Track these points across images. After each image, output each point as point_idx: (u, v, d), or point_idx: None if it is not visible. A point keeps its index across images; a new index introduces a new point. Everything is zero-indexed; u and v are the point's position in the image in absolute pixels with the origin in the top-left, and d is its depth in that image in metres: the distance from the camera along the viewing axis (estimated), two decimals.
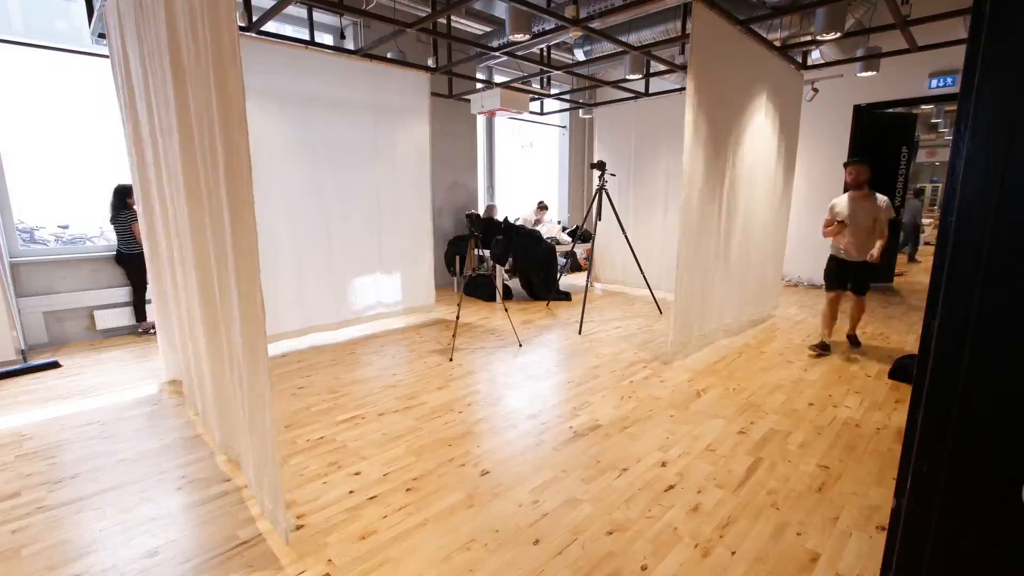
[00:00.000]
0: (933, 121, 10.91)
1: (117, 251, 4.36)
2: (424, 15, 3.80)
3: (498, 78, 6.18)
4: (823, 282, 4.17)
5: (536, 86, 6.47)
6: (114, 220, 4.31)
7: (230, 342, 2.02)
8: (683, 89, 5.40)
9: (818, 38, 4.08)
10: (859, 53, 4.93)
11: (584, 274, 7.80)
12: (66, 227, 4.64)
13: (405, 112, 4.77)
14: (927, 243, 11.53)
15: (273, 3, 3.38)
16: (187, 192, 2.15)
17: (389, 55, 5.20)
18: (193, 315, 2.45)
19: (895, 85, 5.99)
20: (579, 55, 6.01)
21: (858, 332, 4.24)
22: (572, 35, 4.23)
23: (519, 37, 4.16)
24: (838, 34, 3.89)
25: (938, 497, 0.89)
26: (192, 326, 2.53)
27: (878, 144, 6.47)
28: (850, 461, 2.40)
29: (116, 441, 2.60)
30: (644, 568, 1.70)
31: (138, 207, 3.12)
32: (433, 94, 5.01)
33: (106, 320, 4.40)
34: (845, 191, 4.00)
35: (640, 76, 5.34)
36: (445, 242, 6.74)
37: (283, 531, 1.82)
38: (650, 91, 6.00)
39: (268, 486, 1.88)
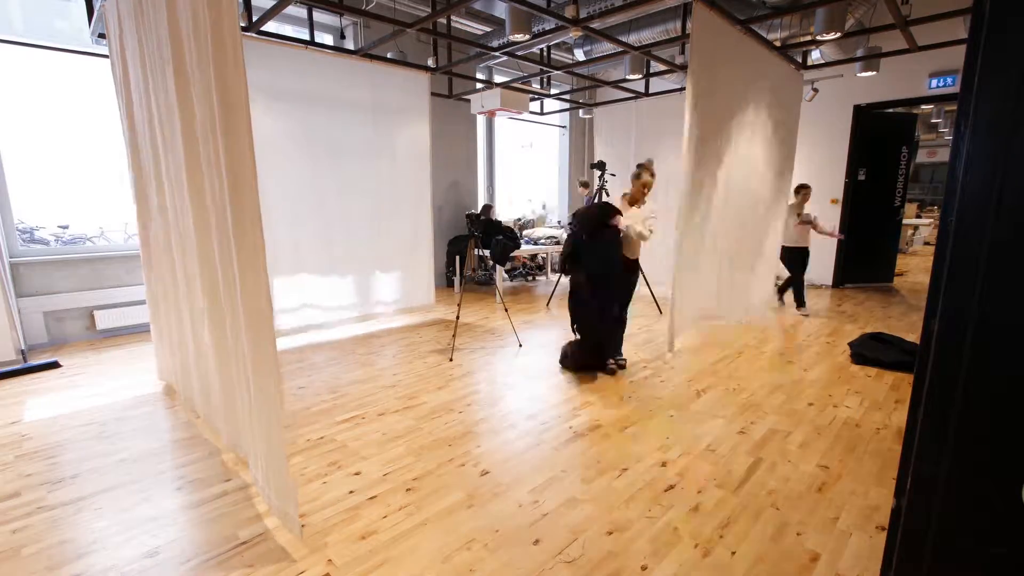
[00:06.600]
0: (933, 121, 10.91)
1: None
2: (424, 15, 3.80)
3: (498, 78, 6.18)
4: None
5: (536, 86, 6.47)
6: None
7: (236, 340, 2.02)
8: (683, 89, 5.40)
9: (818, 38, 4.08)
10: (859, 53, 4.93)
11: None
12: (66, 227, 4.64)
13: (405, 112, 4.77)
14: (927, 243, 11.55)
15: (273, 3, 3.38)
16: (190, 192, 2.14)
17: (389, 55, 5.20)
18: (197, 315, 2.45)
19: (895, 85, 5.99)
20: (579, 55, 6.01)
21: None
22: (572, 35, 4.23)
23: (519, 37, 4.16)
24: (838, 34, 3.90)
25: (938, 497, 0.89)
26: (196, 326, 2.53)
27: (878, 144, 6.48)
28: (850, 461, 2.40)
29: (116, 441, 2.60)
30: (644, 568, 1.70)
31: (134, 207, 3.12)
32: (433, 94, 5.01)
33: (106, 320, 4.40)
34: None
35: (640, 76, 5.34)
36: (445, 242, 6.75)
37: (294, 526, 1.82)
38: (650, 91, 6.00)
39: (276, 482, 1.88)
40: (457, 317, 4.12)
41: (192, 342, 2.63)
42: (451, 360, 3.84)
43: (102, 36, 3.66)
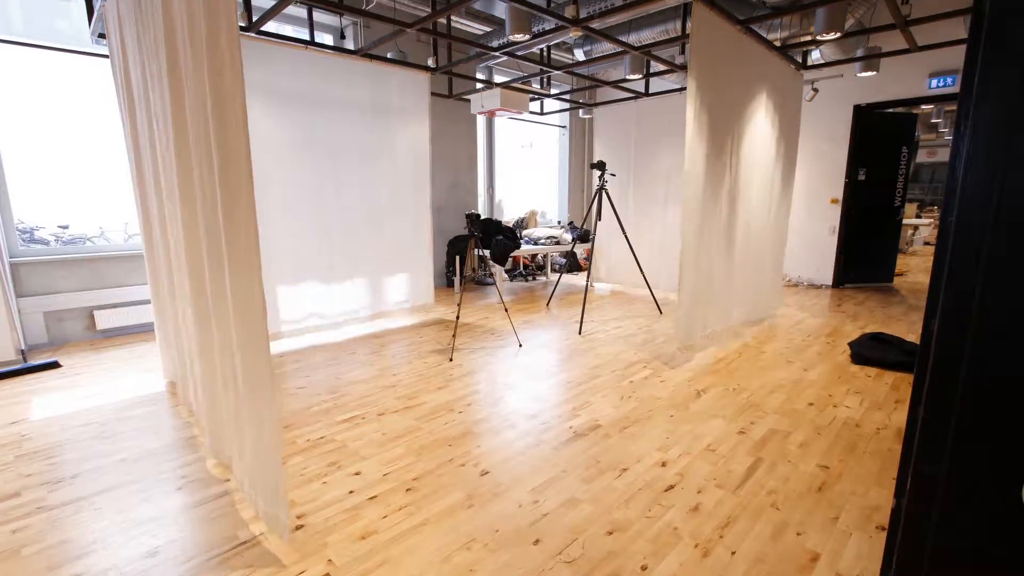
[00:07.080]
0: (933, 121, 10.90)
1: None
2: (424, 15, 3.80)
3: (498, 78, 6.18)
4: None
5: (536, 86, 6.47)
6: None
7: (222, 341, 2.01)
8: (683, 89, 5.40)
9: (818, 38, 4.08)
10: (859, 53, 4.93)
11: (584, 274, 7.80)
12: (66, 227, 4.63)
13: (405, 112, 4.77)
14: (927, 243, 11.55)
15: (273, 3, 3.38)
16: (181, 191, 2.14)
17: (389, 55, 5.21)
18: (192, 314, 2.45)
19: (895, 85, 5.99)
20: (579, 55, 6.01)
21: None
22: (572, 35, 4.23)
23: (519, 37, 4.16)
24: (838, 34, 3.89)
25: (938, 497, 0.89)
26: (191, 326, 2.52)
27: (878, 144, 6.48)
28: (850, 461, 2.40)
29: (116, 441, 2.60)
30: (644, 568, 1.70)
31: (135, 206, 3.12)
32: (433, 94, 5.01)
33: (106, 320, 4.40)
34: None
35: (640, 76, 5.34)
36: (445, 242, 6.75)
37: (282, 530, 1.82)
38: (650, 91, 6.00)
39: (265, 484, 1.87)
40: (457, 317, 4.12)
41: (188, 342, 2.62)
42: (451, 360, 3.84)
43: (102, 36, 3.67)
